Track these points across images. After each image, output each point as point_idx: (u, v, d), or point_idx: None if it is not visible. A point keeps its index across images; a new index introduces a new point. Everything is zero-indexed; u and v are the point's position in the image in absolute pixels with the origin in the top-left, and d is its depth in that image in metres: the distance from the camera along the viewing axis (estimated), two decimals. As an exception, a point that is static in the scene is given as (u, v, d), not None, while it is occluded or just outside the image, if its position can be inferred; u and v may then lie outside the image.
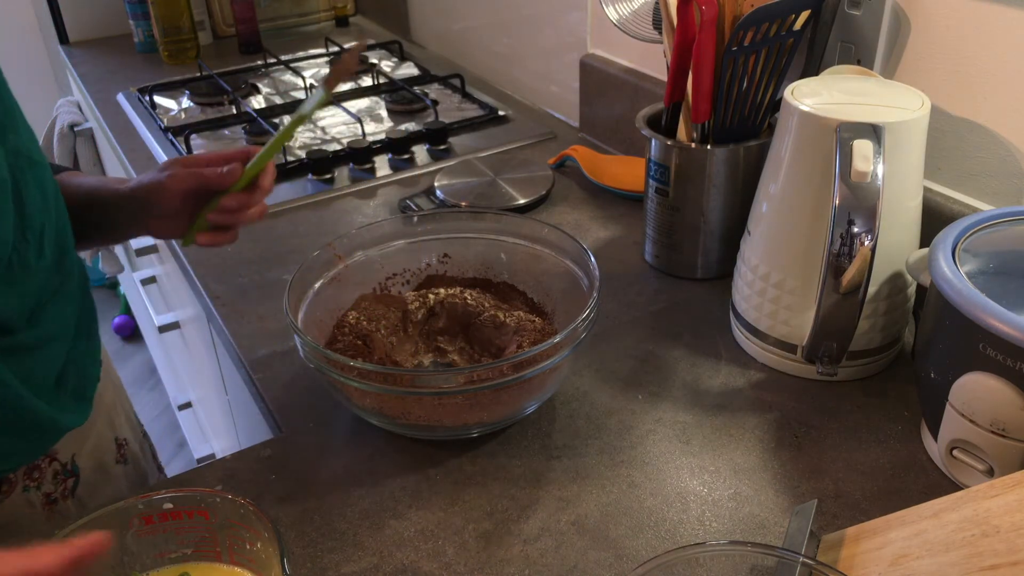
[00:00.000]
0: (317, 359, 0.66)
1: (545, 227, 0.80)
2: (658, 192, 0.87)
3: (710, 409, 0.72)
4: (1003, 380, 0.56)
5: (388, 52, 1.69)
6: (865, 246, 0.62)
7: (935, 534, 0.47)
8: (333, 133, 1.31)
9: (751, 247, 0.76)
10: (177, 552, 0.53)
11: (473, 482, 0.66)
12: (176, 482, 0.69)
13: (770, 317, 0.75)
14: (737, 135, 0.83)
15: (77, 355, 0.72)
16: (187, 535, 0.53)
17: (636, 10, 0.99)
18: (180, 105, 1.46)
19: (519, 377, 0.64)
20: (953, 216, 0.75)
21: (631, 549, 0.60)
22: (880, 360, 0.75)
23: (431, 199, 1.08)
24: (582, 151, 1.14)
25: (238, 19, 1.71)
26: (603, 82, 1.20)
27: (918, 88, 0.71)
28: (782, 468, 0.66)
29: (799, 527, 0.54)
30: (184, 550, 0.53)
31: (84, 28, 1.86)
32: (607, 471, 0.67)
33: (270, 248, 1.02)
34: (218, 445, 1.66)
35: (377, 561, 0.60)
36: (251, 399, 0.83)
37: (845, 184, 0.63)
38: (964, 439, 0.61)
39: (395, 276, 0.83)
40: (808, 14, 0.77)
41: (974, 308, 0.56)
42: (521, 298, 0.81)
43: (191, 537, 0.53)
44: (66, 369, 0.70)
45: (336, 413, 0.74)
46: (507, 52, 1.45)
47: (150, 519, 0.52)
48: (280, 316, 0.88)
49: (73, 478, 0.75)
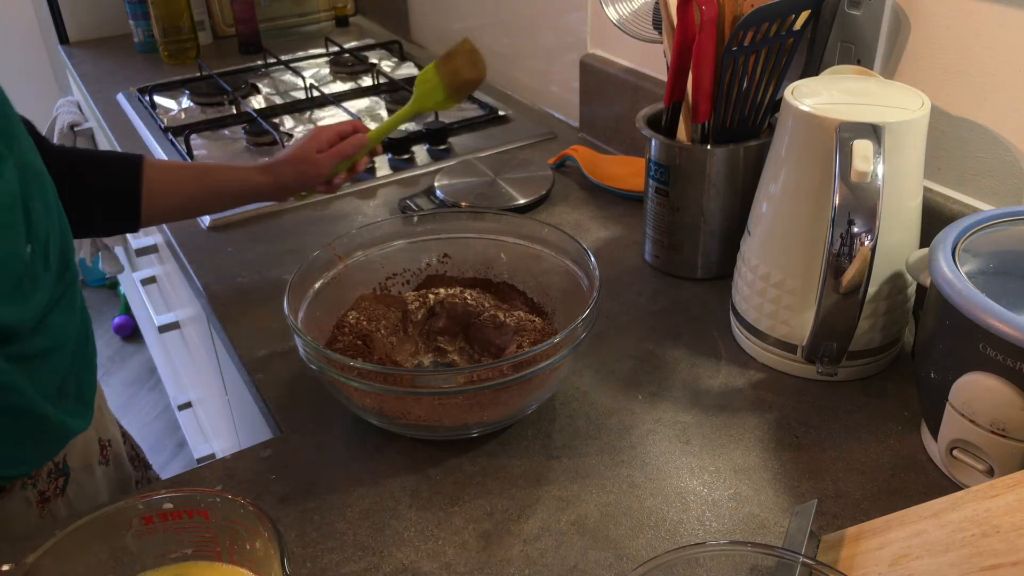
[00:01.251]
0: (317, 359, 0.66)
1: (545, 227, 0.80)
2: (658, 192, 0.87)
3: (710, 409, 0.72)
4: (1003, 380, 0.56)
5: (388, 52, 1.69)
6: (865, 246, 0.62)
7: (935, 534, 0.47)
8: (333, 133, 1.31)
9: (751, 247, 0.76)
10: (177, 552, 0.53)
11: (473, 482, 0.66)
12: (176, 482, 0.69)
13: (770, 317, 0.75)
14: (737, 135, 0.83)
15: (78, 362, 0.73)
16: (187, 535, 0.53)
17: (636, 10, 0.99)
18: (180, 105, 1.46)
19: (519, 377, 0.64)
20: (953, 216, 0.75)
21: (631, 549, 0.60)
22: (880, 360, 0.75)
23: (431, 199, 1.08)
24: (582, 151, 1.14)
25: (238, 19, 1.71)
26: (603, 82, 1.20)
27: (918, 88, 0.71)
28: (782, 468, 0.66)
29: (799, 527, 0.54)
30: (184, 550, 0.53)
31: (84, 28, 1.86)
32: (607, 471, 0.67)
33: (270, 248, 1.01)
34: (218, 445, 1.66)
35: (377, 561, 0.60)
36: (251, 399, 0.83)
37: (845, 184, 0.63)
38: (964, 439, 0.61)
39: (395, 276, 0.83)
40: (808, 14, 0.77)
41: (974, 308, 0.56)
42: (521, 298, 0.81)
43: (191, 537, 0.53)
44: (68, 376, 0.72)
45: (336, 413, 0.74)
46: (507, 52, 1.45)
47: (150, 519, 0.52)
48: (280, 316, 0.87)
49: (64, 477, 0.76)
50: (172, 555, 0.53)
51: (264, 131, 1.27)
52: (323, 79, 1.57)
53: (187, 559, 0.53)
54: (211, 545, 0.53)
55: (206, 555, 0.53)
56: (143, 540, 0.52)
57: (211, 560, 0.53)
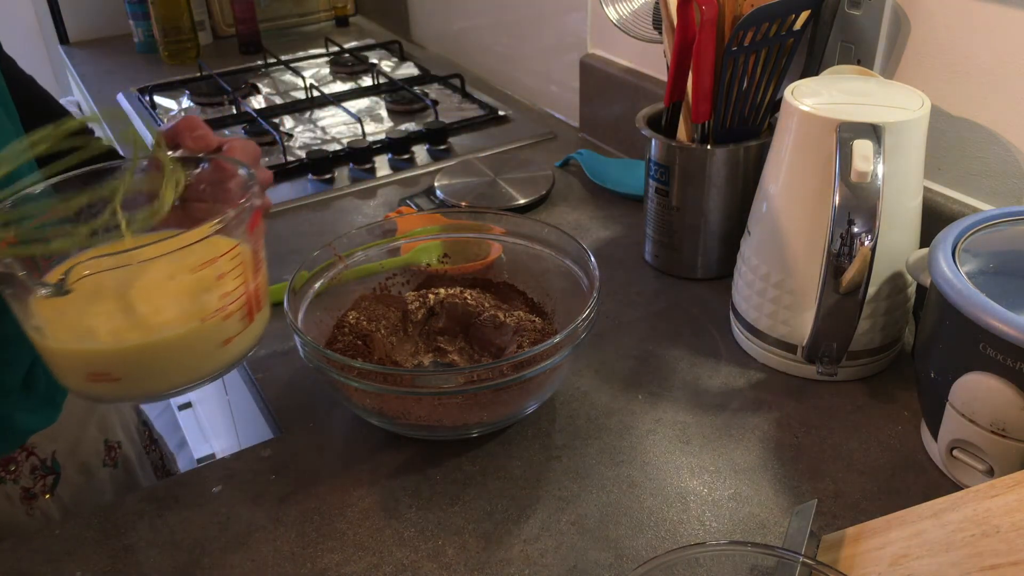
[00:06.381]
0: (317, 359, 0.66)
1: (545, 227, 0.80)
2: (658, 192, 0.87)
3: (710, 409, 0.72)
4: (1003, 380, 0.56)
5: (388, 52, 1.69)
6: (865, 246, 0.62)
7: (935, 534, 0.47)
8: (333, 133, 1.31)
9: (751, 247, 0.76)
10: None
11: (473, 482, 0.66)
12: (176, 482, 0.69)
13: (770, 317, 0.75)
14: (737, 135, 0.83)
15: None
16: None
17: (636, 10, 0.99)
18: (180, 105, 1.46)
19: (519, 377, 0.64)
20: (953, 216, 0.75)
21: (631, 549, 0.60)
22: (880, 360, 0.75)
23: (431, 199, 1.08)
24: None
25: (238, 19, 1.72)
26: (603, 82, 1.20)
27: (918, 88, 0.71)
28: (782, 468, 0.66)
29: (799, 527, 0.54)
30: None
31: (84, 28, 1.86)
32: (607, 471, 0.67)
33: (270, 248, 1.01)
34: (218, 445, 1.66)
35: (377, 561, 0.60)
36: (251, 399, 0.83)
37: (845, 184, 0.63)
38: (964, 439, 0.61)
39: (395, 276, 0.83)
40: (808, 14, 0.77)
41: (974, 308, 0.56)
42: (521, 298, 0.81)
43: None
44: (34, 372, 0.70)
45: (336, 413, 0.74)
46: (507, 52, 1.45)
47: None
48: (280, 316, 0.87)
49: (53, 475, 0.75)
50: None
51: (264, 131, 1.27)
52: (323, 79, 1.57)
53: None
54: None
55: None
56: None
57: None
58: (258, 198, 0.59)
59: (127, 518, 0.64)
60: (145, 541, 0.62)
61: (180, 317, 0.54)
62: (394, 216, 0.85)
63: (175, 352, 0.54)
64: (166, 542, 0.62)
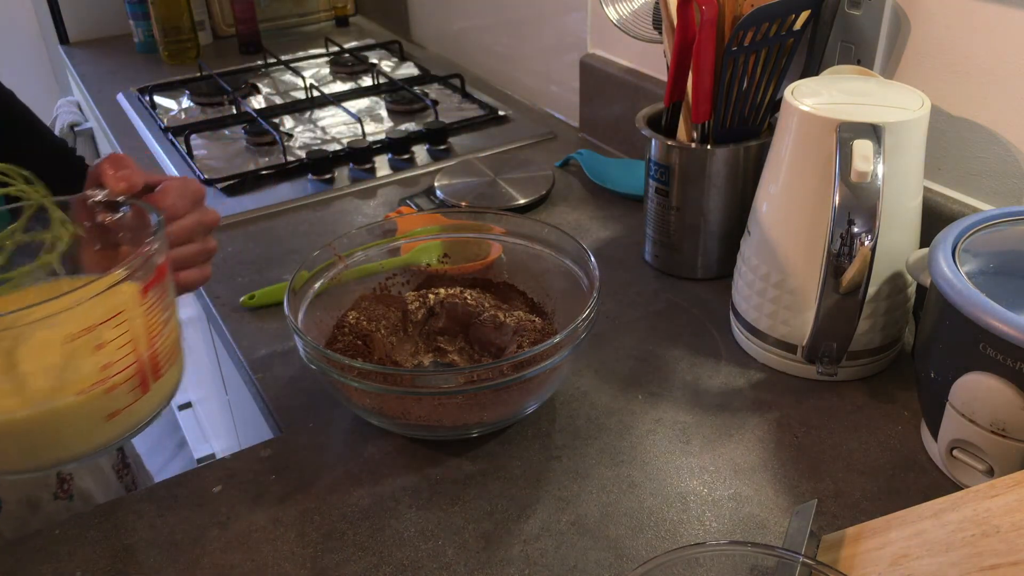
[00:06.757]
0: (317, 359, 0.66)
1: (545, 227, 0.80)
2: (658, 192, 0.87)
3: (710, 409, 0.72)
4: (1003, 380, 0.56)
5: (388, 52, 1.69)
6: (865, 246, 0.62)
7: (935, 534, 0.47)
8: (333, 133, 1.31)
9: (751, 247, 0.76)
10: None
11: (473, 482, 0.66)
12: (175, 482, 0.68)
13: (770, 317, 0.75)
14: (737, 135, 0.83)
15: None
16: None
17: (636, 10, 0.99)
18: (180, 105, 1.46)
19: (519, 377, 0.64)
20: (953, 216, 0.75)
21: (631, 549, 0.60)
22: (880, 360, 0.75)
23: (431, 199, 1.08)
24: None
25: (238, 19, 1.72)
26: (603, 82, 1.20)
27: (918, 88, 0.71)
28: (782, 468, 0.66)
29: (799, 527, 0.54)
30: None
31: (84, 28, 1.86)
32: (607, 471, 0.67)
33: (270, 248, 1.02)
34: (218, 445, 1.66)
35: (377, 561, 0.60)
36: (251, 399, 0.83)
37: (845, 184, 0.63)
38: (964, 439, 0.61)
39: (395, 276, 0.83)
40: (808, 14, 0.77)
41: (974, 308, 0.56)
42: (521, 298, 0.81)
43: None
44: None
45: (336, 413, 0.74)
46: (507, 52, 1.45)
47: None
48: (280, 316, 0.88)
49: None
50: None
51: (264, 131, 1.27)
52: (323, 79, 1.57)
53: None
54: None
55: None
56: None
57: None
58: (161, 253, 0.52)
59: (127, 518, 0.64)
60: (145, 541, 0.62)
61: (50, 390, 0.48)
62: (394, 216, 0.85)
63: (48, 427, 0.49)
64: (166, 542, 0.62)
